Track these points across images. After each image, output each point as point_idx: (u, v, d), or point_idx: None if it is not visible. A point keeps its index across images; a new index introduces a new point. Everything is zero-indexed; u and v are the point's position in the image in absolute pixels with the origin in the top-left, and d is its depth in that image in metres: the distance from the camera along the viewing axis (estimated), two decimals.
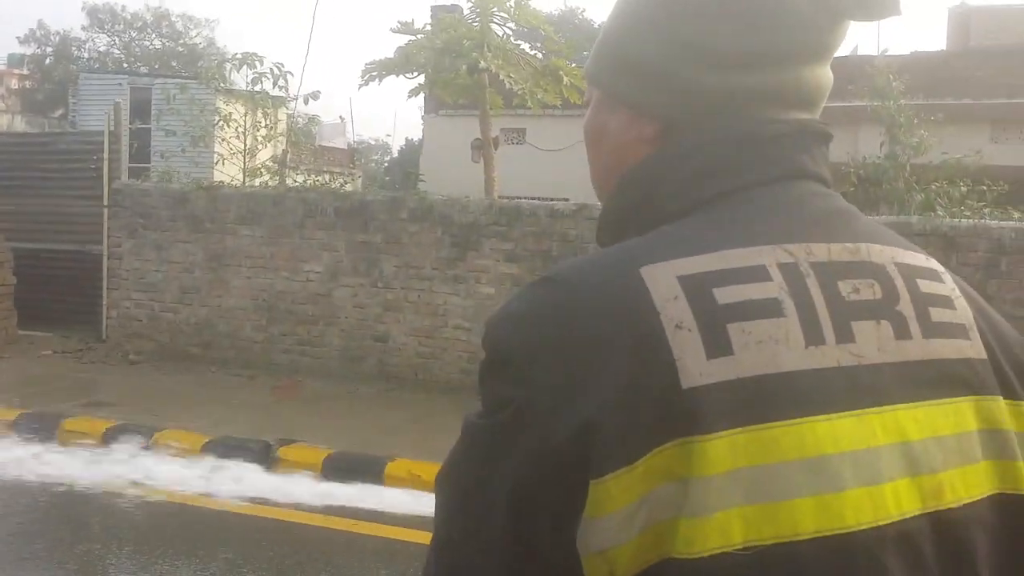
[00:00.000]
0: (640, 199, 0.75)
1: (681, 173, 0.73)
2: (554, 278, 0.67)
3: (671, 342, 0.61)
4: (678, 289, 0.64)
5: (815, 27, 0.73)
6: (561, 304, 0.65)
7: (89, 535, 4.46)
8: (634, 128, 0.77)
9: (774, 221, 0.69)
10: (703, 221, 0.70)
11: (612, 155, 0.80)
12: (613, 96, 0.79)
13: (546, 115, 11.44)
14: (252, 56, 10.49)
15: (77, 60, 33.04)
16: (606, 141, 0.80)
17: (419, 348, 7.42)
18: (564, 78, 8.41)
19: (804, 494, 0.60)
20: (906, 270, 0.71)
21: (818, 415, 0.61)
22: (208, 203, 8.06)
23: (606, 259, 0.68)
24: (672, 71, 0.74)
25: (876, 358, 0.65)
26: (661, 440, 0.59)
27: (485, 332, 0.68)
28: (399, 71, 8.48)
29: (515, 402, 0.63)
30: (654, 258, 0.65)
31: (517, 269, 7.13)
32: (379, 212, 7.53)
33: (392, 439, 5.81)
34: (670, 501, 0.59)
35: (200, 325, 8.09)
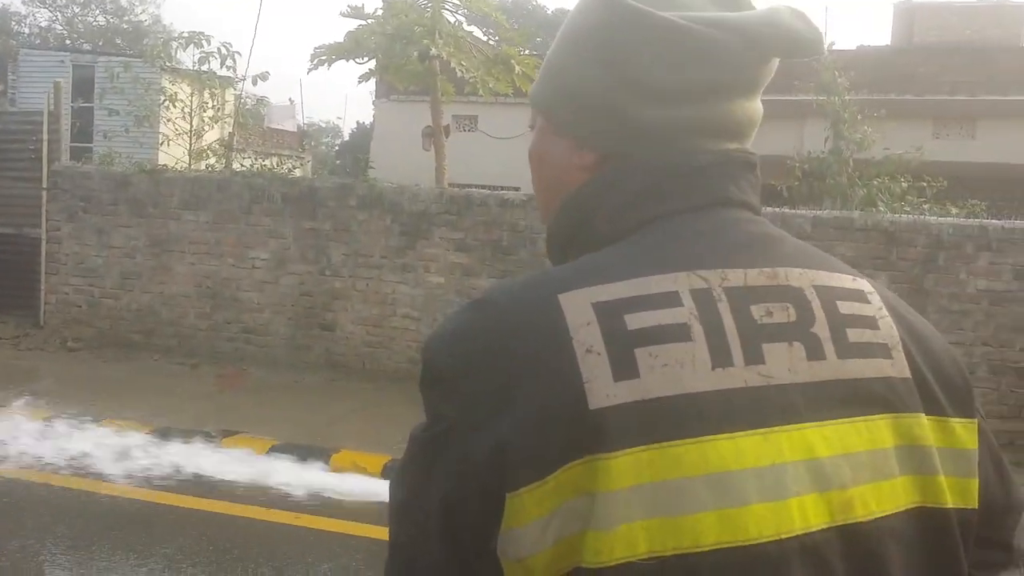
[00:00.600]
0: (577, 223, 0.80)
1: (613, 200, 0.77)
2: (484, 300, 0.71)
3: (581, 365, 0.65)
4: (591, 315, 0.67)
5: (745, 64, 0.76)
6: (487, 326, 0.69)
7: (23, 529, 4.35)
8: (574, 156, 0.81)
9: (693, 248, 0.72)
10: (626, 248, 0.74)
11: (554, 179, 0.83)
12: (555, 123, 0.83)
13: (498, 102, 11.40)
14: (199, 35, 10.28)
15: (17, 35, 32.02)
16: (549, 165, 0.84)
17: (367, 337, 7.36)
18: (516, 67, 8.39)
19: (706, 508, 0.63)
20: (825, 292, 0.73)
21: (721, 433, 0.65)
22: (151, 187, 7.88)
23: (530, 285, 0.72)
24: (610, 104, 0.77)
25: (786, 378, 0.68)
26: (570, 457, 0.63)
27: (423, 348, 0.72)
28: (349, 56, 8.37)
29: (446, 418, 0.68)
30: (572, 285, 0.69)
31: (467, 259, 7.11)
32: (328, 199, 7.44)
33: (337, 429, 5.77)
34: (579, 514, 0.63)
35: (142, 312, 7.93)
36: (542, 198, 0.87)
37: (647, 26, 0.75)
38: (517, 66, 8.37)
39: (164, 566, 4.03)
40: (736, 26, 0.74)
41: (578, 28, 0.80)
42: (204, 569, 4.04)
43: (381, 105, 16.36)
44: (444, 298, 7.17)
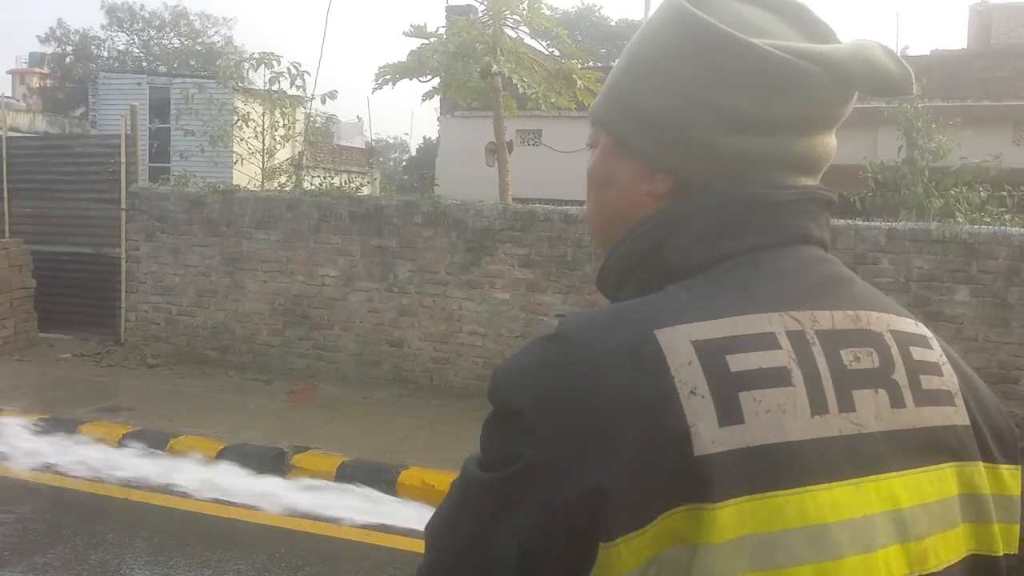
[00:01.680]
0: (647, 252, 0.76)
1: (691, 232, 0.74)
2: (566, 336, 0.67)
3: (685, 408, 0.63)
4: (692, 354, 0.65)
5: (832, 99, 0.74)
6: (576, 364, 0.65)
7: (103, 543, 4.49)
8: (646, 181, 0.78)
9: (781, 287, 0.71)
10: (712, 283, 0.71)
11: (620, 203, 0.80)
12: (625, 146, 0.79)
13: (561, 116, 11.40)
14: (270, 55, 10.54)
15: (97, 59, 33.32)
16: (614, 189, 0.81)
17: (434, 353, 7.43)
18: (578, 81, 8.38)
19: (804, 562, 0.62)
20: (900, 337, 0.73)
21: (820, 484, 0.64)
22: (224, 207, 8.10)
23: (619, 319, 0.68)
24: (689, 130, 0.74)
25: (873, 426, 0.67)
26: (671, 504, 0.61)
27: (493, 383, 0.68)
28: (412, 75, 8.47)
29: (525, 459, 0.63)
30: (668, 321, 0.66)
31: (532, 274, 7.12)
32: (393, 216, 7.54)
33: (406, 445, 5.82)
34: (676, 564, 0.61)
35: (217, 329, 8.14)
36: (599, 222, 0.84)
37: (735, 52, 0.72)
38: (579, 80, 8.36)
39: None
40: (826, 60, 0.72)
41: (655, 48, 0.77)
42: None
43: (446, 121, 16.53)
44: (509, 314, 7.18)
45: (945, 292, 6.17)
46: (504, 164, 8.56)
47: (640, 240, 0.76)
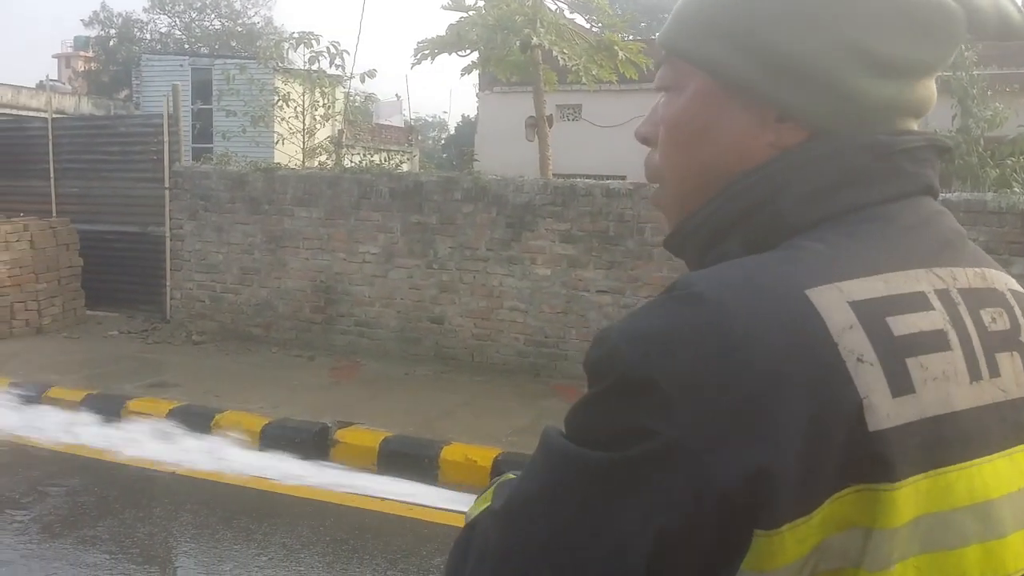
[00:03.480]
0: (756, 205, 0.68)
1: (813, 181, 0.67)
2: (705, 297, 0.59)
3: (855, 378, 0.57)
4: (852, 317, 0.59)
5: (959, 42, 0.70)
6: (723, 329, 0.57)
7: (150, 517, 4.55)
8: (768, 131, 0.69)
9: (916, 242, 0.66)
10: (846, 237, 0.64)
11: (725, 156, 0.71)
12: (741, 90, 0.69)
13: (602, 90, 11.25)
14: (309, 35, 10.56)
15: (140, 42, 33.71)
16: (717, 140, 0.71)
17: (474, 330, 7.40)
18: (619, 53, 8.25)
19: (973, 541, 0.59)
20: (1018, 298, 0.70)
21: (983, 457, 0.61)
22: (266, 185, 8.13)
23: (759, 278, 0.61)
24: (831, 74, 0.67)
25: (1014, 392, 0.64)
26: (840, 485, 0.56)
27: (608, 349, 0.60)
28: (451, 49, 8.42)
29: (661, 436, 0.56)
30: (816, 280, 0.60)
31: (573, 250, 7.05)
32: (433, 193, 7.50)
33: (448, 422, 5.82)
34: (843, 551, 0.56)
35: (260, 306, 8.20)
36: (685, 178, 0.74)
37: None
38: (620, 52, 8.24)
39: (283, 555, 4.15)
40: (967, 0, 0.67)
41: None
42: (320, 559, 4.14)
43: (484, 97, 16.45)
44: (550, 290, 7.12)
45: (1002, 264, 5.96)
46: (544, 138, 8.48)
47: (749, 192, 0.68)
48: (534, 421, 5.89)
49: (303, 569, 4.04)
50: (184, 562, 4.25)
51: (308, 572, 4.02)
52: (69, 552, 4.07)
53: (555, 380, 6.98)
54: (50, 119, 9.54)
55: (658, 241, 6.75)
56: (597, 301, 6.99)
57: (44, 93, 17.44)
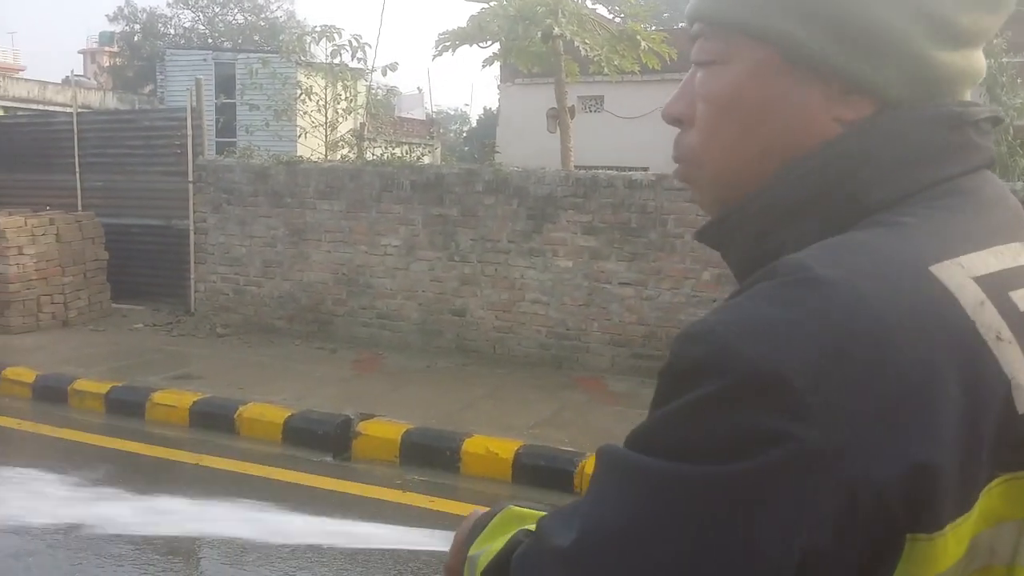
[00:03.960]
0: (828, 186, 0.63)
1: (893, 157, 0.63)
2: (826, 279, 0.53)
3: (999, 358, 0.53)
4: (980, 293, 0.55)
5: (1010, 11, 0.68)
6: (854, 314, 0.52)
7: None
8: (836, 104, 0.64)
9: (1002, 216, 0.63)
10: (938, 211, 0.60)
11: (787, 133, 0.66)
12: (807, 62, 0.64)
13: (625, 81, 11.18)
14: (331, 29, 10.58)
15: (164, 36, 33.93)
16: (778, 115, 0.66)
17: (496, 322, 7.39)
18: (642, 43, 8.18)
19: None
20: None
21: None
22: (288, 178, 8.16)
23: (878, 255, 0.56)
24: (907, 43, 0.63)
25: None
26: (990, 476, 0.53)
27: (714, 344, 0.53)
28: (472, 40, 8.38)
29: (795, 441, 0.49)
30: (936, 255, 0.56)
31: (595, 241, 7.01)
32: (455, 185, 7.49)
33: (470, 414, 5.81)
34: (993, 548, 0.54)
35: (283, 299, 8.24)
36: (734, 159, 0.68)
37: None
38: (643, 42, 8.16)
39: (306, 546, 4.16)
40: None
41: None
42: (343, 551, 4.15)
43: (506, 89, 16.41)
44: (572, 282, 7.10)
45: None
46: (566, 130, 8.43)
47: (821, 171, 0.63)
48: (556, 413, 5.88)
49: (326, 560, 4.06)
50: (207, 552, 4.27)
51: (331, 563, 4.04)
52: (94, 543, 4.11)
53: (577, 372, 6.95)
54: (75, 114, 9.62)
55: (681, 232, 6.70)
56: (619, 293, 6.96)
57: (70, 88, 17.59)
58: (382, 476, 5.08)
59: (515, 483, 5.00)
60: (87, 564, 3.91)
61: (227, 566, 4.03)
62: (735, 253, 0.70)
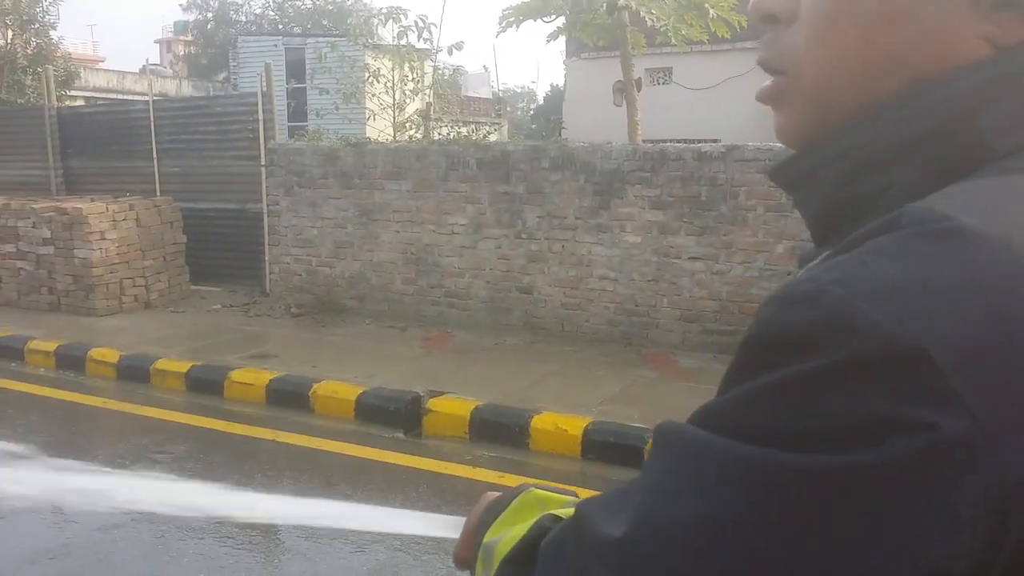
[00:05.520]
0: (956, 121, 0.52)
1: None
2: (973, 230, 0.44)
3: None
4: None
5: None
6: (1011, 275, 0.42)
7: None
8: (982, 20, 0.53)
9: None
10: None
11: (918, 45, 0.53)
12: None
13: (693, 52, 10.95)
14: (397, 10, 10.61)
15: (236, 24, 34.59)
16: (912, 21, 0.53)
17: (564, 299, 7.36)
18: (710, 11, 7.99)
19: None
20: None
21: None
22: (356, 159, 8.24)
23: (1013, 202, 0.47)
24: None
25: None
26: None
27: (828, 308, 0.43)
28: (537, 15, 8.32)
29: (933, 430, 0.40)
30: None
31: (663, 216, 6.91)
32: (520, 162, 7.46)
33: (538, 391, 5.81)
34: None
35: (354, 279, 8.36)
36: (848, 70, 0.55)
37: None
38: (711, 9, 7.97)
39: None
40: None
41: None
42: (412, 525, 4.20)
43: (572, 64, 16.25)
44: (641, 258, 7.01)
45: None
46: (633, 103, 8.31)
47: (946, 103, 0.52)
48: (625, 390, 5.83)
49: (394, 536, 4.11)
50: (284, 528, 4.38)
51: (402, 539, 4.09)
52: (175, 517, 4.25)
53: (646, 348, 6.89)
54: (151, 101, 9.89)
55: (753, 205, 6.55)
56: (689, 268, 6.85)
57: (146, 77, 18.10)
58: (452, 452, 5.13)
59: (584, 459, 4.99)
60: (169, 537, 4.05)
61: (302, 539, 4.13)
62: (817, 196, 0.59)
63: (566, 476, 4.74)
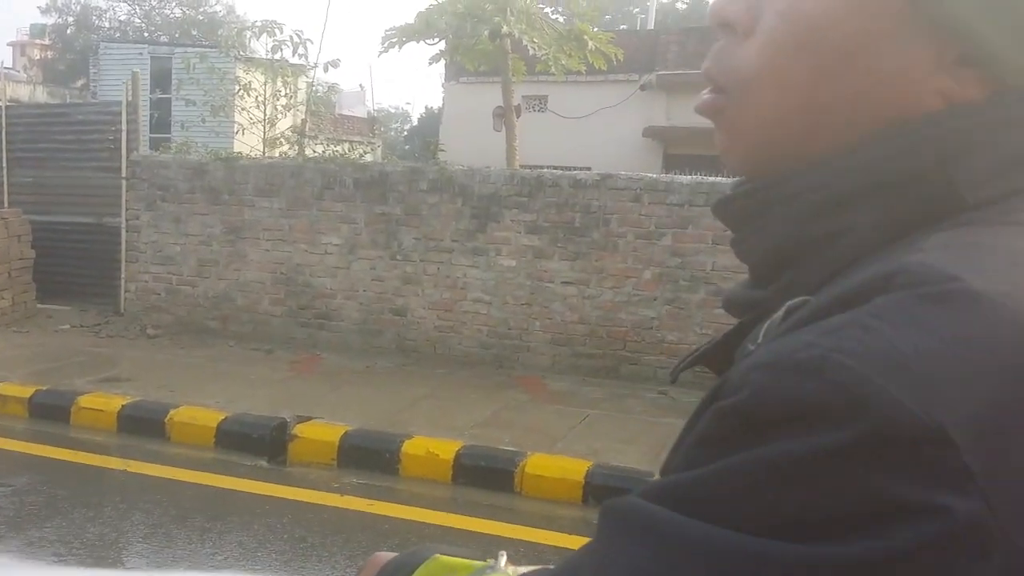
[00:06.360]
0: (926, 169, 0.50)
1: (1005, 150, 0.51)
2: (982, 295, 0.41)
3: None
4: None
5: None
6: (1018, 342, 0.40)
7: (100, 516, 4.39)
8: (943, 73, 0.51)
9: None
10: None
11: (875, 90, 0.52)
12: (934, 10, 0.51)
13: (568, 81, 11.20)
14: (272, 24, 10.39)
15: (98, 30, 33.04)
16: (871, 67, 0.52)
17: (437, 322, 7.30)
18: (589, 43, 8.17)
19: None
20: None
21: None
22: (226, 174, 7.95)
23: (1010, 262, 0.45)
24: None
25: None
26: None
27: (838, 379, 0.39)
28: (419, 37, 8.29)
29: (950, 514, 0.37)
30: None
31: (538, 241, 6.97)
32: (398, 183, 7.37)
33: (410, 415, 5.71)
34: None
35: (218, 299, 8.02)
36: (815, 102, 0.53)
37: None
38: (590, 42, 8.16)
39: (239, 554, 4.02)
40: None
41: None
42: (278, 557, 4.02)
43: (450, 88, 16.30)
44: (515, 281, 7.04)
45: None
46: (512, 128, 8.39)
47: (922, 148, 0.51)
48: (496, 413, 5.81)
49: (260, 568, 3.92)
50: (136, 563, 4.10)
51: (265, 571, 3.90)
52: (15, 556, 3.90)
53: (518, 371, 6.90)
54: (3, 107, 9.24)
55: (624, 232, 6.69)
56: (562, 292, 6.92)
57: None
58: (319, 480, 4.95)
59: (455, 484, 4.92)
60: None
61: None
62: (766, 235, 0.56)
63: (437, 502, 4.66)
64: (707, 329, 6.50)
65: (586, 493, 4.68)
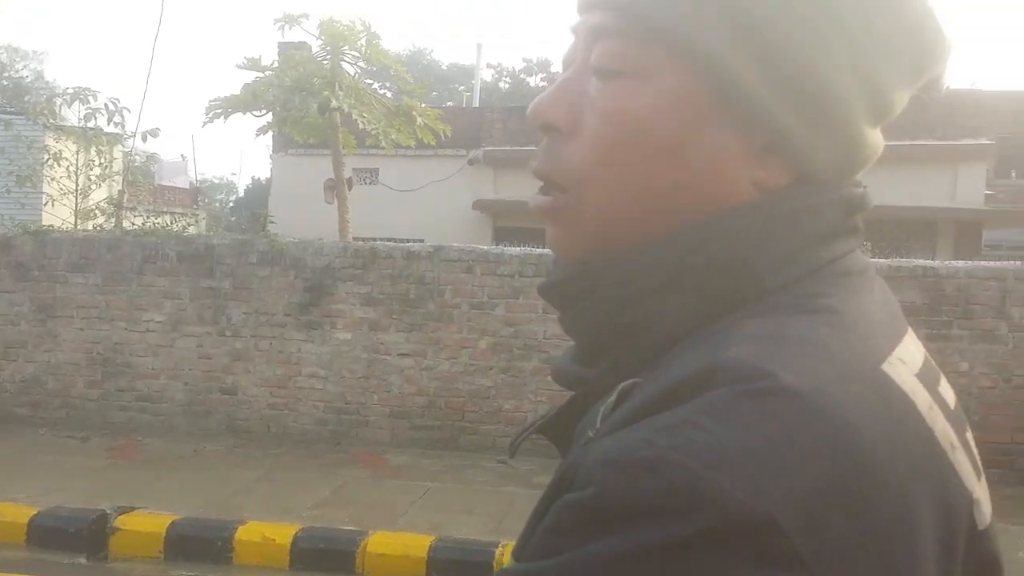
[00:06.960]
0: (728, 259, 0.54)
1: (795, 239, 0.55)
2: (795, 390, 0.45)
3: (959, 472, 0.49)
4: (926, 393, 0.50)
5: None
6: (836, 436, 0.44)
7: None
8: (755, 163, 0.55)
9: (885, 307, 0.57)
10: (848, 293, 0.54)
11: (695, 183, 0.55)
12: (743, 105, 0.54)
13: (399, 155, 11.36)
14: (85, 91, 9.99)
15: None
16: (690, 160, 0.55)
17: (270, 399, 7.07)
18: (417, 119, 8.35)
19: None
20: None
21: None
22: (35, 249, 7.45)
23: (830, 353, 0.48)
24: (849, 115, 0.55)
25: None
26: None
27: (674, 476, 0.42)
28: (246, 108, 8.17)
29: None
30: (880, 349, 0.50)
31: (374, 313, 6.95)
32: (226, 256, 7.17)
33: (242, 499, 5.47)
34: None
35: (27, 383, 7.43)
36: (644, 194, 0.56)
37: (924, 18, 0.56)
38: (419, 117, 8.34)
39: None
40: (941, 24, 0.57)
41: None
42: None
43: (278, 159, 16.09)
44: (351, 354, 6.96)
45: None
46: (344, 201, 8.38)
47: (729, 239, 0.54)
48: (335, 492, 5.67)
49: None
50: None
51: None
52: None
53: (356, 447, 6.78)
54: None
55: (458, 303, 6.79)
56: (399, 364, 6.91)
57: None
58: (144, 575, 4.63)
59: (293, 570, 4.74)
60: None
61: None
62: (589, 318, 0.59)
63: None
64: (541, 396, 6.66)
65: (429, 569, 4.64)
